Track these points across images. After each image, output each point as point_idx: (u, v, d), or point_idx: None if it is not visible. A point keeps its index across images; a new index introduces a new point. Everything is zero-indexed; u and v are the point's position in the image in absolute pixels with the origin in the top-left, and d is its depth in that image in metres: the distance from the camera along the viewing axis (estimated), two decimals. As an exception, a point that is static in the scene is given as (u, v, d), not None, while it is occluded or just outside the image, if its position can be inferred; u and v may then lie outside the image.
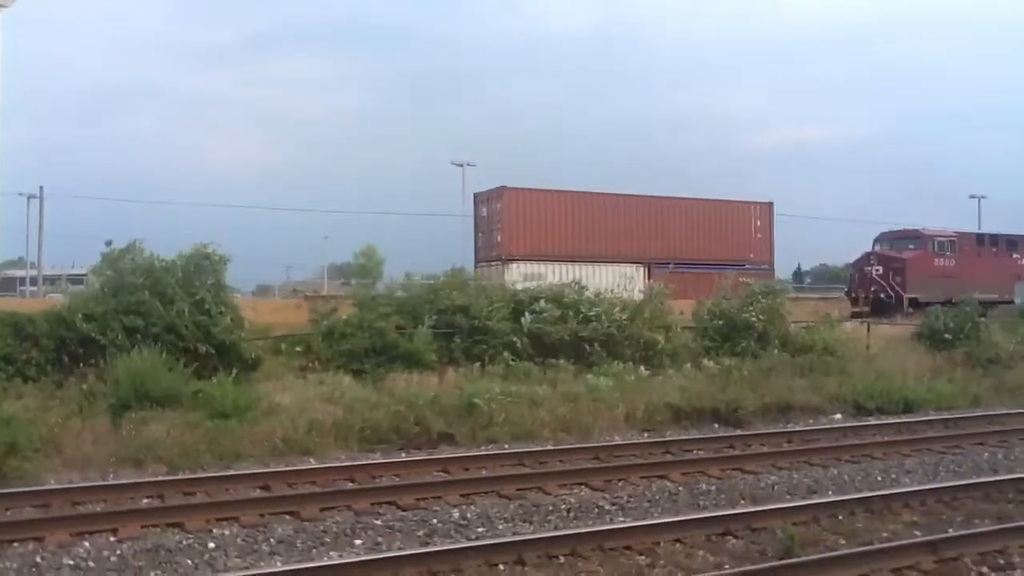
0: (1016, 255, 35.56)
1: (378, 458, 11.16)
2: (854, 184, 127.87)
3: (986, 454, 11.97)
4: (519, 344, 16.51)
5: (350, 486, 9.60)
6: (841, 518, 8.31)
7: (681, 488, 9.70)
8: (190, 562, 7.02)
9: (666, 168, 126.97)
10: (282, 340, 16.43)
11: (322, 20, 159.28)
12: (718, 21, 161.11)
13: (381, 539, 7.70)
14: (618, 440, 12.66)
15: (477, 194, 39.90)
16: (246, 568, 6.86)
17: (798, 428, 13.87)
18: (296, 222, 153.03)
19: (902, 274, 32.01)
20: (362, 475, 10.06)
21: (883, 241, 34.87)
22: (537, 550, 7.01)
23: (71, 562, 6.94)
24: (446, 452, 11.52)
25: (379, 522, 8.17)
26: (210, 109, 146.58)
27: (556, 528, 8.05)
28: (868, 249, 34.80)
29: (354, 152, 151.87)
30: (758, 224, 42.12)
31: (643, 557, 7.10)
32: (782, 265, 47.01)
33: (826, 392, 15.77)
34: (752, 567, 6.71)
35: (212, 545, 7.42)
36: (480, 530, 8.05)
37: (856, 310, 30.83)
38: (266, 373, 14.69)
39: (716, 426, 13.95)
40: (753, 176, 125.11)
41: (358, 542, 7.63)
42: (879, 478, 10.47)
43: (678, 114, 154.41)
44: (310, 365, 15.56)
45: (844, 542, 7.62)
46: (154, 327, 13.64)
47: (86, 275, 19.53)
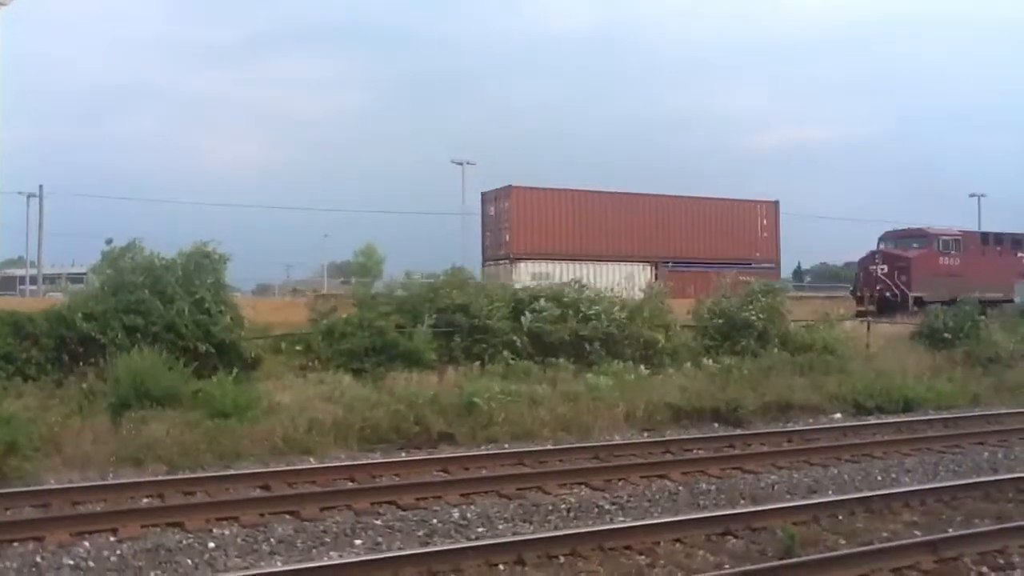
0: (1021, 254, 35.50)
1: (378, 457, 11.16)
2: (854, 184, 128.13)
3: (986, 453, 11.97)
4: (519, 343, 16.50)
5: (350, 486, 9.59)
6: (841, 518, 8.31)
7: (681, 488, 9.70)
8: (190, 562, 7.02)
9: (666, 168, 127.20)
10: (282, 339, 16.42)
11: (322, 20, 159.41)
12: (718, 21, 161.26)
13: (381, 539, 7.70)
14: (618, 439, 12.67)
15: (484, 193, 39.83)
16: (246, 568, 6.86)
17: (798, 427, 13.87)
18: (296, 221, 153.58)
19: (907, 273, 32.01)
20: (362, 475, 10.06)
21: (888, 240, 34.85)
22: (537, 550, 7.02)
23: (71, 562, 6.94)
24: (446, 451, 11.52)
25: (379, 522, 8.17)
26: (210, 109, 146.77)
27: (556, 528, 8.05)
28: (869, 248, 34.79)
29: (354, 152, 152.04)
30: (764, 223, 42.12)
31: (643, 557, 7.10)
32: (783, 264, 46.92)
33: (826, 391, 15.76)
34: (752, 567, 6.71)
35: (212, 545, 7.42)
36: (480, 530, 8.05)
37: (861, 309, 30.84)
38: (266, 372, 14.68)
39: (716, 425, 13.95)
40: (753, 176, 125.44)
41: (358, 542, 7.63)
42: (879, 478, 10.48)
43: (678, 114, 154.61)
44: (310, 364, 15.55)
45: (844, 542, 7.63)
46: (154, 326, 13.64)
47: (86, 274, 19.52)
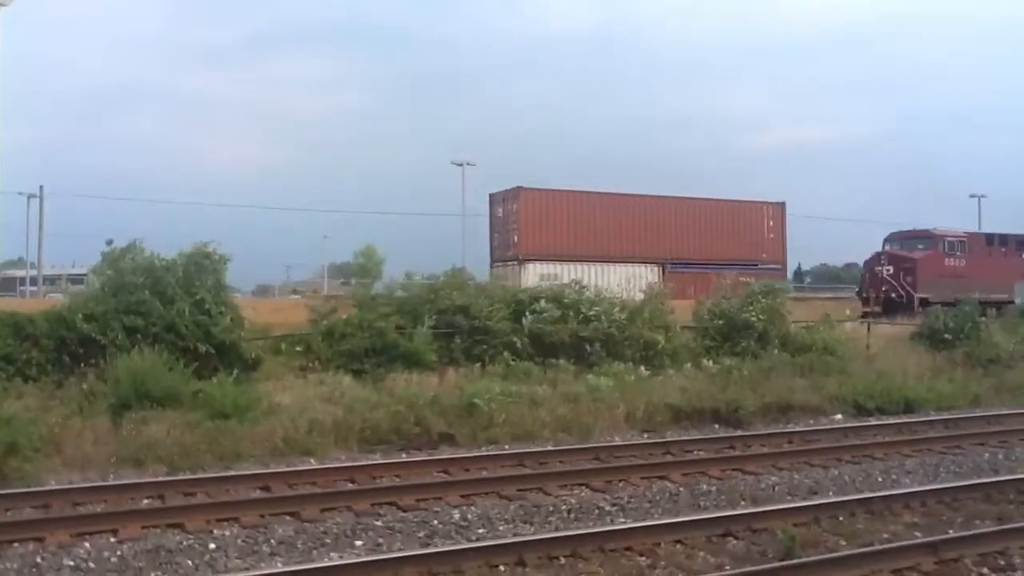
0: None
1: (378, 459, 11.15)
2: (854, 184, 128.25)
3: (987, 454, 11.97)
4: (519, 344, 16.50)
5: (350, 487, 9.59)
6: (842, 519, 8.31)
7: (682, 489, 9.69)
8: (190, 563, 7.02)
9: (666, 168, 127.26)
10: (282, 340, 16.41)
11: (322, 20, 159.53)
12: (718, 21, 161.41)
13: (382, 540, 7.70)
14: (618, 441, 12.66)
15: (493, 195, 39.91)
16: (247, 569, 6.86)
17: (798, 428, 13.86)
18: (296, 222, 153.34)
19: (913, 274, 32.01)
20: (362, 476, 10.06)
21: (893, 241, 34.88)
22: (538, 551, 7.02)
23: (71, 563, 6.94)
24: (446, 453, 11.52)
25: (380, 523, 8.16)
26: (210, 109, 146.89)
27: (557, 529, 8.05)
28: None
29: (354, 152, 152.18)
30: (771, 224, 42.22)
31: (644, 558, 7.10)
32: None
33: (826, 392, 15.75)
34: (753, 568, 6.71)
35: (212, 546, 7.42)
36: (481, 531, 8.05)
37: (867, 310, 30.88)
38: (266, 373, 14.67)
39: (716, 426, 13.94)
40: (753, 176, 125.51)
41: (359, 543, 7.63)
42: (880, 479, 10.47)
43: (678, 114, 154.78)
44: (310, 365, 15.53)
45: (845, 543, 7.63)
46: (154, 327, 13.63)
47: (86, 275, 19.50)
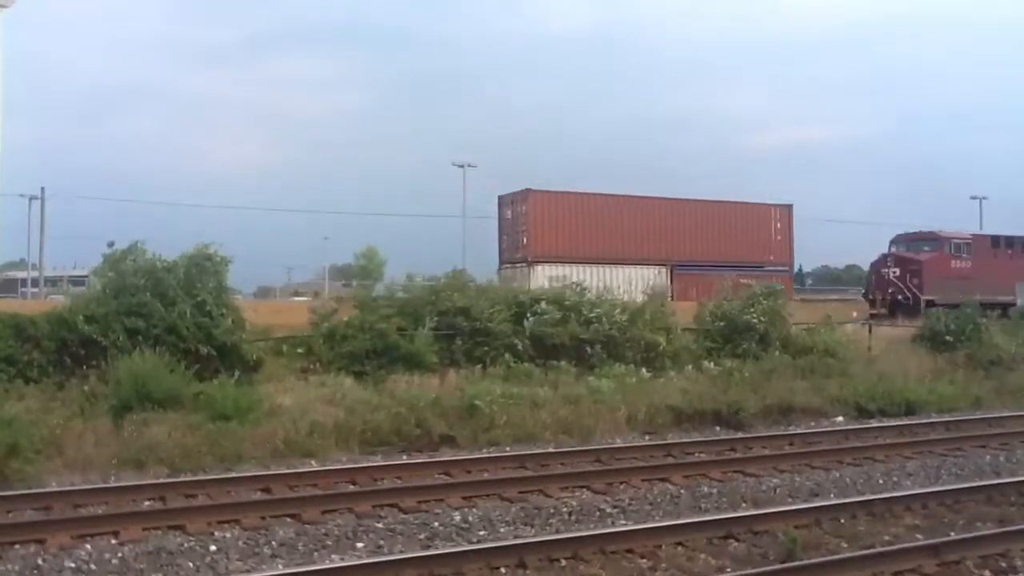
0: None
1: (379, 460, 11.15)
2: (854, 185, 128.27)
3: (988, 457, 11.96)
4: (520, 346, 16.49)
5: (351, 488, 9.59)
6: (843, 521, 8.31)
7: (683, 491, 9.69)
8: (191, 565, 7.02)
9: (666, 168, 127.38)
10: (283, 342, 16.41)
11: (322, 20, 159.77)
12: (718, 21, 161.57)
13: (383, 542, 7.70)
14: (619, 443, 12.65)
15: (501, 197, 40.14)
16: (248, 571, 6.87)
17: (799, 430, 13.87)
18: (297, 223, 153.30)
19: (919, 276, 32.10)
20: (363, 477, 10.05)
21: (899, 243, 35.00)
22: (539, 553, 7.02)
23: (72, 564, 6.94)
24: (447, 454, 11.52)
25: (381, 525, 8.17)
26: (210, 109, 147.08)
27: (558, 531, 8.05)
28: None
29: (354, 152, 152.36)
30: (778, 226, 42.38)
31: (645, 560, 7.10)
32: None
33: (827, 394, 15.74)
34: (754, 570, 6.71)
35: (213, 548, 7.41)
36: (482, 533, 8.05)
37: (874, 312, 31.04)
38: (267, 375, 14.67)
39: (717, 428, 13.93)
40: (753, 176, 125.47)
41: (360, 545, 7.63)
42: (881, 481, 10.46)
43: (678, 114, 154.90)
44: (311, 367, 15.55)
45: (846, 545, 7.62)
46: (155, 329, 13.63)
47: (87, 276, 19.53)
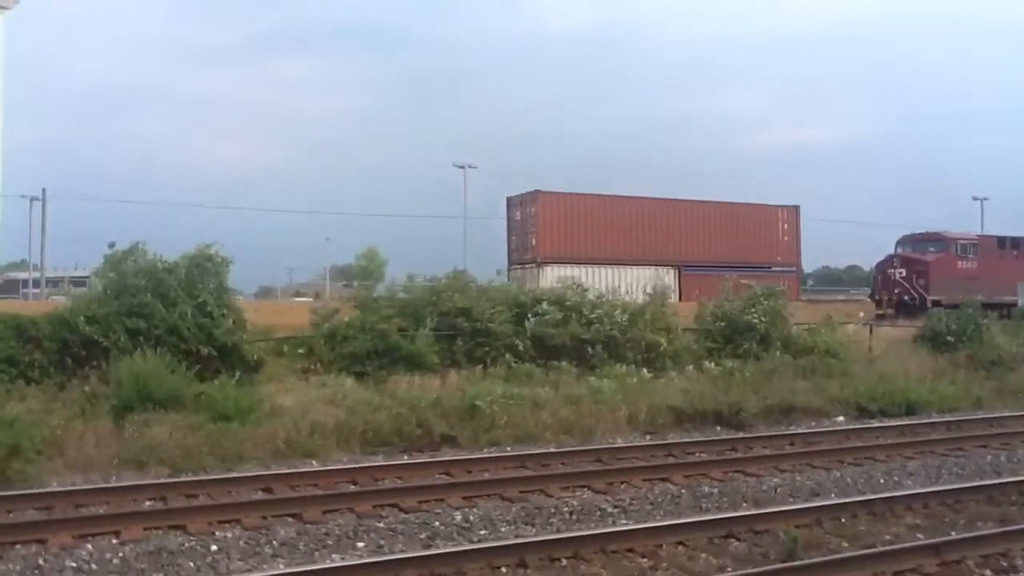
0: None
1: (380, 460, 11.15)
2: (854, 185, 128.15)
3: (989, 456, 11.96)
4: (521, 346, 16.50)
5: (352, 488, 9.59)
6: (844, 521, 8.31)
7: (683, 491, 9.69)
8: (192, 564, 7.02)
9: (666, 168, 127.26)
10: (284, 342, 16.42)
11: (322, 20, 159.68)
12: (718, 21, 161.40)
13: (383, 541, 7.70)
14: (620, 442, 12.65)
15: (510, 198, 40.38)
16: (248, 571, 6.87)
17: (800, 430, 13.86)
18: (297, 223, 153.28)
19: (925, 277, 32.19)
20: (364, 477, 10.06)
21: (905, 244, 35.12)
22: (539, 553, 7.02)
23: (74, 564, 6.94)
24: (448, 454, 11.52)
25: (381, 524, 8.17)
26: (210, 109, 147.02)
27: (558, 531, 8.05)
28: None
29: (354, 152, 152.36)
30: (785, 227, 42.59)
31: (645, 560, 7.10)
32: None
33: (828, 394, 15.74)
34: (755, 570, 6.71)
35: (215, 547, 7.42)
36: (482, 532, 8.05)
37: (880, 312, 31.14)
38: (268, 375, 14.68)
39: (718, 428, 13.92)
40: (753, 176, 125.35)
41: (360, 544, 7.63)
42: (882, 480, 10.46)
43: (678, 114, 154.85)
44: (312, 367, 15.56)
45: (847, 545, 7.62)
46: (156, 329, 13.64)
47: (89, 277, 19.55)
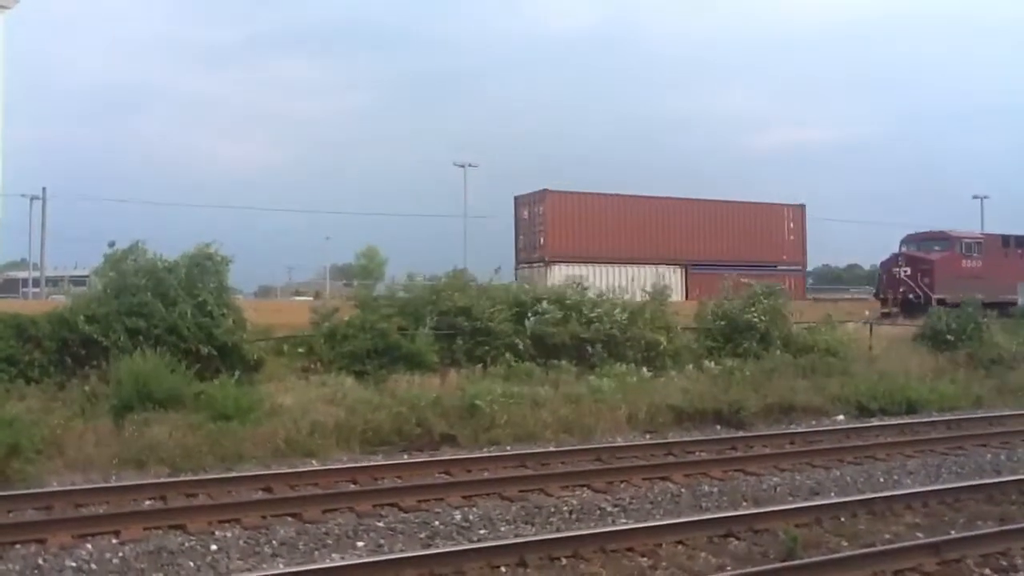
0: None
1: (380, 460, 11.15)
2: (854, 184, 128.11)
3: (989, 455, 11.95)
4: (521, 345, 16.49)
5: (352, 488, 9.59)
6: (843, 520, 8.31)
7: (683, 490, 9.69)
8: (192, 564, 7.03)
9: (666, 168, 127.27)
10: (284, 341, 16.42)
11: (322, 21, 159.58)
12: (718, 21, 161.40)
13: (383, 541, 7.70)
14: (620, 441, 12.65)
15: (518, 197, 40.50)
16: (248, 570, 6.88)
17: (800, 429, 13.85)
18: (297, 223, 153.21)
19: (930, 275, 32.26)
20: (364, 477, 10.06)
21: (910, 243, 35.22)
22: (539, 552, 7.02)
23: (73, 564, 6.94)
24: (448, 454, 11.52)
25: (381, 524, 8.17)
26: (210, 109, 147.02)
27: (558, 530, 8.05)
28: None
29: (354, 152, 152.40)
30: (791, 226, 42.72)
31: (645, 559, 7.10)
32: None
33: (828, 393, 15.73)
34: (755, 569, 6.71)
35: (214, 547, 7.42)
36: (482, 532, 8.05)
37: (886, 311, 31.20)
38: (268, 374, 14.67)
39: (718, 427, 13.92)
40: (753, 176, 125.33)
41: (360, 544, 7.63)
42: (881, 479, 10.46)
43: (678, 114, 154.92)
44: (312, 366, 15.55)
45: (846, 544, 7.62)
46: (156, 329, 13.63)
47: (88, 276, 19.53)
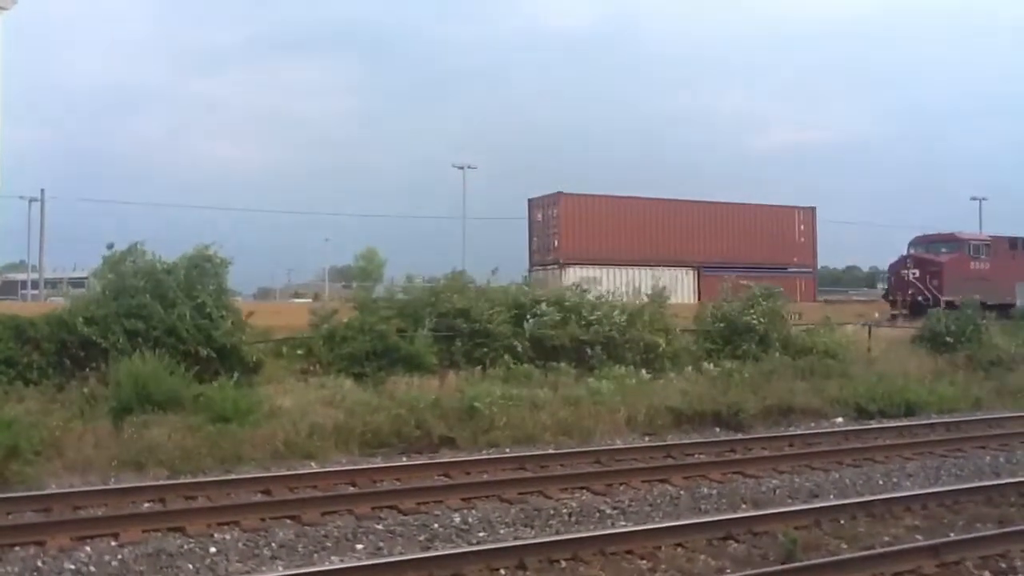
0: None
1: (379, 462, 11.14)
2: (853, 184, 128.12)
3: (988, 457, 11.96)
4: (520, 347, 16.49)
5: (351, 490, 9.59)
6: (843, 522, 8.30)
7: (682, 492, 9.68)
8: (191, 566, 7.02)
9: (666, 168, 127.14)
10: (283, 343, 16.40)
11: (322, 21, 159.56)
12: (719, 20, 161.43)
13: (382, 544, 7.69)
14: (619, 444, 12.64)
15: (532, 199, 40.75)
16: (247, 572, 6.88)
17: (799, 432, 13.85)
18: (297, 224, 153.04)
19: (939, 277, 32.45)
20: (363, 479, 10.05)
21: (918, 245, 35.39)
22: (539, 554, 7.02)
23: (72, 566, 6.93)
24: (447, 456, 11.51)
25: (380, 526, 8.16)
26: (209, 110, 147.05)
27: (557, 532, 8.05)
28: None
29: (354, 152, 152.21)
30: (802, 228, 42.87)
31: (644, 561, 7.10)
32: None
33: (827, 395, 15.73)
34: (754, 571, 6.70)
35: (213, 549, 7.41)
36: (481, 534, 8.04)
37: (895, 312, 31.35)
38: (267, 376, 14.66)
39: (717, 430, 13.91)
40: (752, 176, 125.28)
41: (359, 546, 7.63)
42: (880, 482, 10.46)
43: (678, 114, 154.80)
44: (311, 368, 15.55)
45: (846, 546, 7.62)
46: (155, 330, 13.62)
47: (87, 278, 19.54)
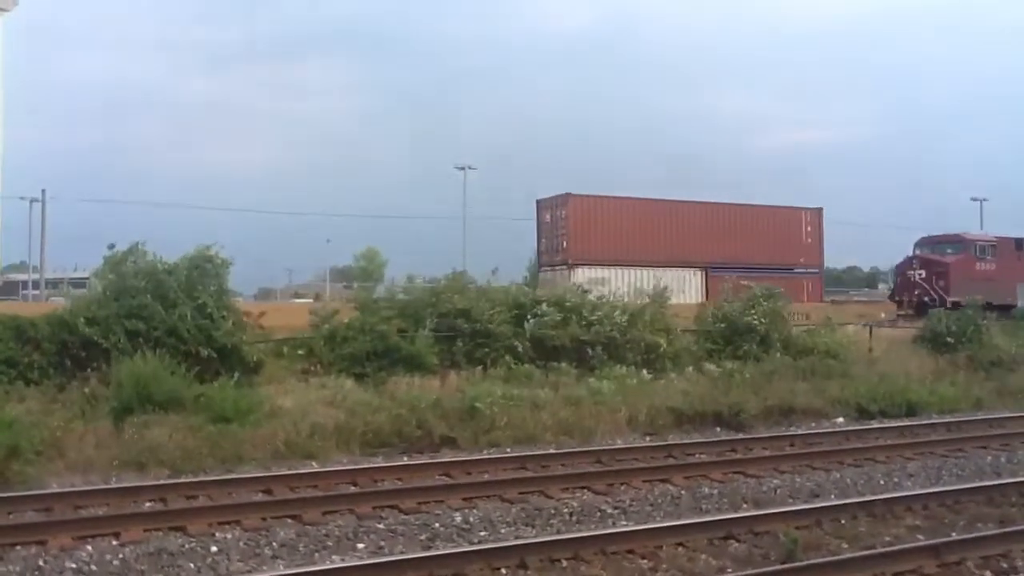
0: None
1: (380, 462, 11.15)
2: (853, 184, 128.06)
3: (989, 457, 11.96)
4: (521, 348, 16.50)
5: (352, 490, 9.59)
6: (844, 522, 8.30)
7: (683, 492, 9.68)
8: (192, 566, 7.03)
9: (667, 167, 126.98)
10: (284, 343, 16.41)
11: (322, 21, 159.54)
12: (719, 20, 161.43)
13: (383, 543, 7.70)
14: (620, 444, 12.65)
15: (540, 200, 40.87)
16: (248, 572, 6.88)
17: (800, 432, 13.86)
18: (297, 224, 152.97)
19: (945, 278, 32.51)
20: (364, 479, 10.06)
21: (924, 245, 35.46)
22: (540, 554, 7.02)
23: (73, 566, 6.94)
24: (448, 456, 11.52)
25: (381, 526, 8.17)
26: (210, 110, 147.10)
27: (558, 532, 8.05)
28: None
29: (355, 153, 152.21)
30: (809, 229, 42.95)
31: (645, 561, 7.10)
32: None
33: (828, 395, 15.74)
34: (755, 571, 6.71)
35: (214, 549, 7.42)
36: (482, 534, 8.05)
37: (902, 312, 31.42)
38: (268, 377, 14.67)
39: (718, 430, 13.92)
40: (752, 176, 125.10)
41: (360, 546, 7.63)
42: (881, 482, 10.46)
43: (678, 114, 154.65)
44: (312, 368, 15.56)
45: (847, 546, 7.62)
46: (156, 331, 13.63)
47: (88, 278, 19.56)
